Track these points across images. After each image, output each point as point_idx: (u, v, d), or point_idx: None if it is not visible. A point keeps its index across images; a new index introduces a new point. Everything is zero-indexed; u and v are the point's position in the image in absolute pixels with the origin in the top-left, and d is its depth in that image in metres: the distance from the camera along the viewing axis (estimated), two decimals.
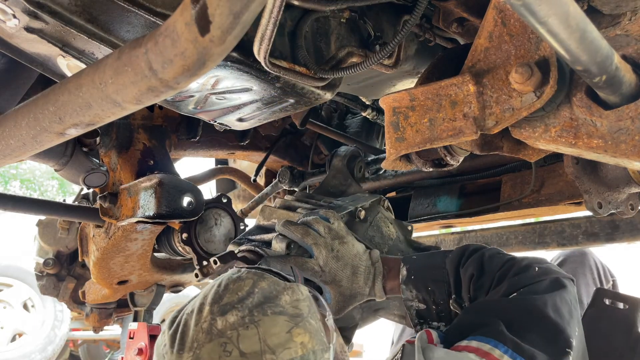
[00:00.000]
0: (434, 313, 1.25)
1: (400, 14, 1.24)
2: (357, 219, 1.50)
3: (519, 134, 0.95)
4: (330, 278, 1.30)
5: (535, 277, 1.09)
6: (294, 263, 1.29)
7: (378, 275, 1.32)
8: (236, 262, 1.34)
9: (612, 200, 1.31)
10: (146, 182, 1.54)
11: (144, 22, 0.93)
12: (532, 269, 1.11)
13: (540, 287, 1.07)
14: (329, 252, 1.31)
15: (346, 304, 1.32)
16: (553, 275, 1.10)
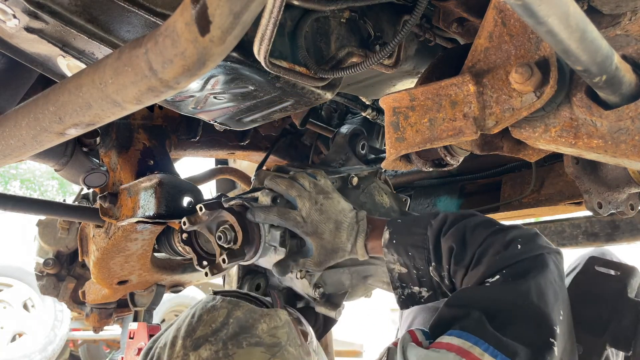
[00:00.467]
0: (415, 277, 1.23)
1: (400, 14, 1.24)
2: (349, 185, 1.53)
3: (519, 134, 0.95)
4: (312, 229, 1.32)
5: (517, 256, 1.04)
6: (277, 212, 1.32)
7: (361, 233, 1.33)
8: (222, 212, 1.36)
9: (612, 200, 1.32)
10: (146, 182, 1.54)
11: (144, 22, 0.93)
12: (514, 246, 1.05)
13: (522, 268, 1.02)
14: (312, 205, 1.34)
15: (328, 257, 1.33)
16: (536, 252, 1.05)
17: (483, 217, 1.19)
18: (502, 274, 1.02)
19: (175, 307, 7.00)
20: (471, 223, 1.15)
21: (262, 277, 1.58)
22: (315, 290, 1.45)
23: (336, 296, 1.49)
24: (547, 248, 1.08)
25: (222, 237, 1.35)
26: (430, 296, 1.24)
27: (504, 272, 1.02)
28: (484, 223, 1.15)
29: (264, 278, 1.58)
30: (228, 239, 1.35)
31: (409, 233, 1.23)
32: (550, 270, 1.03)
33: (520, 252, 1.04)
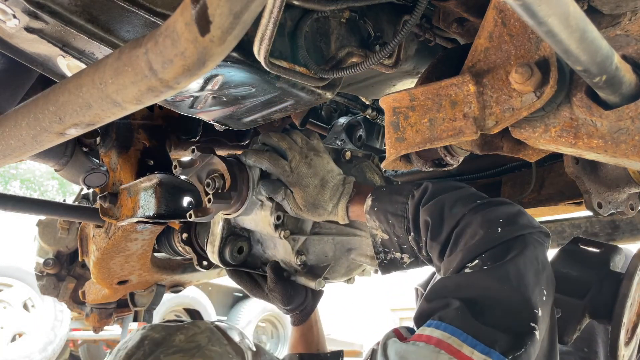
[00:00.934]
0: (396, 244, 1.23)
1: (400, 14, 1.24)
2: (342, 158, 1.55)
3: (519, 134, 0.95)
4: (297, 180, 1.36)
5: (497, 239, 1.01)
6: (268, 157, 1.36)
7: (345, 195, 1.35)
8: (214, 159, 1.38)
9: (612, 200, 1.32)
10: (146, 182, 1.54)
11: (144, 22, 0.93)
12: (494, 228, 1.02)
13: (502, 251, 0.99)
14: (302, 158, 1.38)
15: (308, 210, 1.36)
16: (517, 234, 1.02)
17: (464, 191, 1.16)
18: (481, 259, 1.00)
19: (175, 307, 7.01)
20: (451, 198, 1.13)
21: (246, 241, 1.58)
22: (298, 258, 1.46)
23: (318, 267, 1.50)
24: (530, 227, 1.04)
25: (211, 184, 1.36)
26: (412, 262, 1.24)
27: (483, 256, 1.00)
28: (464, 198, 1.12)
29: (247, 242, 1.58)
30: (216, 187, 1.36)
31: (390, 201, 1.23)
32: (531, 250, 1.00)
33: (500, 235, 1.02)
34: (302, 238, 1.47)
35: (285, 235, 1.43)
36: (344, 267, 1.56)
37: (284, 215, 1.43)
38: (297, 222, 1.47)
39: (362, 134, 1.82)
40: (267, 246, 1.56)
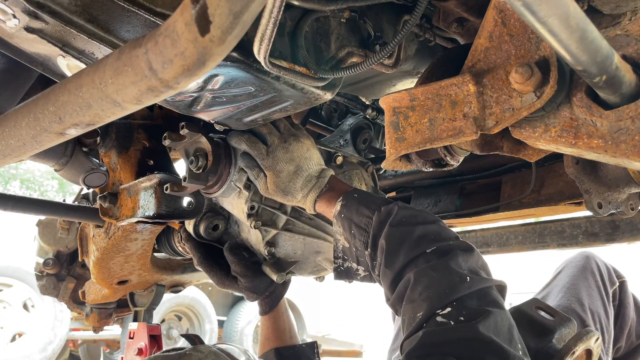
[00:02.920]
0: (354, 255, 1.23)
1: (400, 14, 1.24)
2: (333, 162, 1.56)
3: (519, 134, 0.95)
4: (271, 164, 1.36)
5: (467, 288, 0.98)
6: (247, 139, 1.38)
7: (315, 189, 1.34)
8: (202, 138, 1.41)
9: (612, 200, 1.32)
10: (146, 182, 1.54)
11: (144, 22, 0.93)
12: (464, 277, 1.00)
13: (474, 302, 0.97)
14: (280, 142, 1.38)
15: (277, 194, 1.37)
16: (484, 285, 1.00)
17: (431, 227, 1.13)
18: (452, 307, 0.97)
19: (175, 307, 7.01)
20: (415, 233, 1.11)
21: (223, 219, 1.61)
22: (266, 248, 1.49)
23: (285, 262, 1.52)
24: (493, 282, 1.04)
25: (194, 161, 1.41)
26: (366, 276, 1.24)
27: (455, 304, 0.97)
28: (428, 236, 1.10)
29: (224, 221, 1.61)
30: (199, 165, 1.41)
31: (357, 212, 1.22)
32: (501, 303, 0.99)
33: (469, 284, 0.99)
34: (273, 231, 1.50)
35: (255, 226, 1.45)
36: (311, 266, 1.58)
37: (258, 206, 1.45)
38: (271, 215, 1.50)
39: (368, 138, 1.82)
40: (242, 229, 1.59)
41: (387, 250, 1.11)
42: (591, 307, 1.66)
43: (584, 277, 1.75)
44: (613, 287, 1.78)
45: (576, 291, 1.71)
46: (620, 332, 1.77)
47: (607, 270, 1.80)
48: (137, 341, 2.06)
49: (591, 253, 1.85)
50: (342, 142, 1.78)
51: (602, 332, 1.66)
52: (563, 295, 1.70)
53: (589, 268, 1.77)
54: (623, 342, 1.78)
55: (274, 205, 1.49)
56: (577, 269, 1.79)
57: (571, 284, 1.74)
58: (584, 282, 1.73)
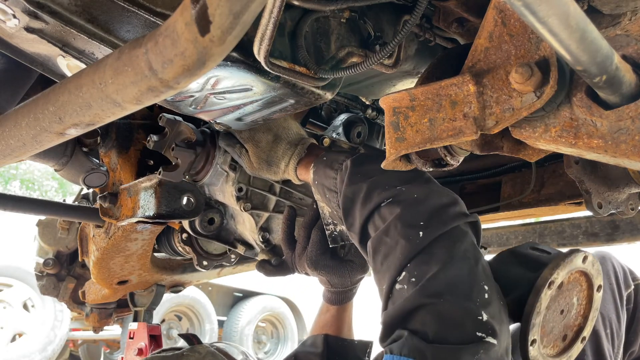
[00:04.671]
0: (337, 217, 1.22)
1: (400, 14, 1.24)
2: (321, 145, 1.55)
3: (519, 134, 0.95)
4: (249, 135, 1.36)
5: (419, 245, 0.95)
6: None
7: (295, 156, 1.33)
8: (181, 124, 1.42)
9: (612, 200, 1.31)
10: (146, 182, 1.54)
11: (144, 22, 0.93)
12: (415, 233, 0.96)
13: (427, 260, 0.94)
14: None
15: (262, 167, 1.36)
16: (440, 232, 0.96)
17: (380, 179, 1.08)
18: (407, 270, 0.95)
19: (175, 307, 7.01)
20: (364, 189, 1.06)
21: (217, 213, 1.62)
22: (260, 234, 1.50)
23: (280, 248, 1.52)
24: (453, 219, 0.99)
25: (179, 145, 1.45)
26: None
27: (409, 266, 0.95)
28: (377, 189, 1.05)
29: (219, 215, 1.62)
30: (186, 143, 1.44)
31: (325, 175, 1.21)
32: (458, 247, 0.96)
33: (422, 239, 0.96)
34: (265, 214, 1.50)
35: (245, 208, 1.46)
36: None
37: (246, 188, 1.46)
38: (261, 198, 1.50)
39: (361, 131, 1.82)
40: (237, 221, 1.60)
41: (343, 213, 1.10)
42: (603, 311, 1.61)
43: None
44: (628, 289, 1.72)
45: None
46: (635, 337, 1.71)
47: (623, 272, 1.74)
48: (137, 341, 2.06)
49: (608, 253, 1.78)
50: (334, 137, 1.78)
51: (612, 337, 1.63)
52: None
53: (605, 269, 1.70)
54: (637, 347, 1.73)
55: (263, 188, 1.50)
56: None
57: None
58: None
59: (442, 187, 1.10)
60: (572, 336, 1.08)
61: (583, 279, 1.07)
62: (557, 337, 1.05)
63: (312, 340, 1.55)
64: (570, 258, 1.02)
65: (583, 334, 1.08)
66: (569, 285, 1.05)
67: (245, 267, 2.26)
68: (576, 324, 1.08)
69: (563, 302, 1.04)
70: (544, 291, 0.97)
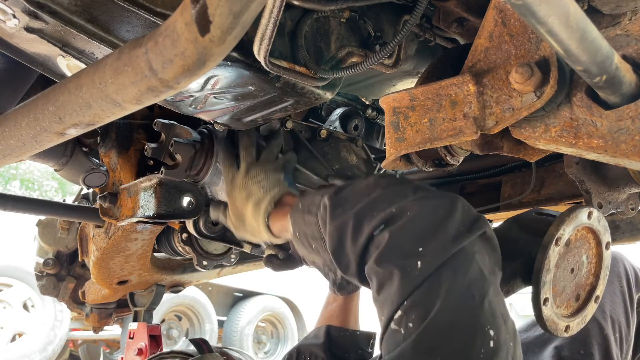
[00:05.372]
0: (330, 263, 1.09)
1: (400, 14, 1.24)
2: (318, 136, 1.56)
3: (519, 134, 0.95)
4: (229, 190, 1.35)
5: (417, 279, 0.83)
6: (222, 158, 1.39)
7: (262, 213, 1.24)
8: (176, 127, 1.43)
9: (612, 200, 1.31)
10: (146, 182, 1.54)
11: (144, 22, 0.93)
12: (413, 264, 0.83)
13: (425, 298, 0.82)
14: (244, 169, 1.35)
15: (238, 225, 1.32)
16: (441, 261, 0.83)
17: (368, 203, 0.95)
18: (403, 309, 0.83)
19: (175, 307, 7.01)
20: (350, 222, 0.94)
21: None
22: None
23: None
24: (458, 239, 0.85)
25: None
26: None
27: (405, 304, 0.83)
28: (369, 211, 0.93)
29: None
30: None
31: (305, 223, 1.08)
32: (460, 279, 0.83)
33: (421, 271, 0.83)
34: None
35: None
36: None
37: None
38: None
39: (358, 124, 1.81)
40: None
41: (333, 257, 0.99)
42: (612, 314, 1.58)
43: (610, 282, 1.62)
44: (639, 292, 1.70)
45: None
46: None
47: (634, 274, 1.69)
48: (137, 341, 2.06)
49: (620, 254, 1.73)
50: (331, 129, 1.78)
51: (621, 341, 1.60)
52: None
53: (616, 271, 1.66)
54: None
55: None
56: None
57: None
58: (609, 286, 1.60)
59: (437, 194, 0.97)
60: (585, 296, 1.05)
61: (590, 236, 1.04)
62: (570, 296, 1.03)
63: (316, 332, 1.55)
64: (575, 213, 0.98)
65: (596, 293, 1.05)
66: (577, 242, 1.02)
67: (245, 267, 2.26)
68: (588, 283, 1.06)
69: (572, 261, 1.01)
70: (552, 248, 0.94)
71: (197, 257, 1.79)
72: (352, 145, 1.63)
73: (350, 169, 1.51)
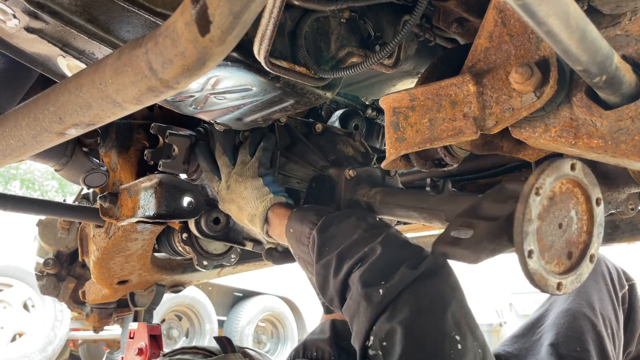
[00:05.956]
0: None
1: (400, 14, 1.24)
2: (313, 131, 1.57)
3: (519, 134, 0.95)
4: (220, 202, 1.45)
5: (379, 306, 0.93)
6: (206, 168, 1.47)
7: (258, 225, 1.35)
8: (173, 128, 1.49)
9: (612, 200, 1.32)
10: (146, 182, 1.54)
11: (144, 22, 0.93)
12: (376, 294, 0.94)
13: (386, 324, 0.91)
14: (224, 183, 1.43)
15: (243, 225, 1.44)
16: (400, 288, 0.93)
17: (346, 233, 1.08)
18: (374, 335, 0.92)
19: (175, 307, 7.01)
20: (332, 262, 1.05)
21: (222, 212, 1.62)
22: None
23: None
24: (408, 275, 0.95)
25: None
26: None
27: (374, 329, 0.92)
28: (346, 256, 1.04)
29: (224, 214, 1.62)
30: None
31: (301, 250, 1.19)
32: (425, 297, 0.93)
33: (384, 296, 0.93)
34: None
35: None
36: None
37: None
38: None
39: (358, 123, 1.81)
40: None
41: (321, 291, 1.09)
42: (602, 311, 1.62)
43: (595, 281, 1.70)
44: (623, 290, 1.73)
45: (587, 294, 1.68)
46: (631, 337, 1.72)
47: (617, 272, 1.75)
48: (137, 341, 2.06)
49: (601, 255, 1.78)
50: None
51: (613, 337, 1.63)
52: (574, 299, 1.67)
53: (600, 271, 1.72)
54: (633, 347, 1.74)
55: None
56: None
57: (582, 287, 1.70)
58: (595, 285, 1.68)
59: (407, 241, 1.08)
60: (579, 254, 1.00)
61: (578, 190, 0.99)
62: (561, 253, 0.98)
63: (321, 327, 1.56)
64: (557, 164, 0.94)
65: (590, 252, 0.99)
66: (563, 196, 0.97)
67: (245, 267, 2.26)
68: (581, 241, 1.00)
69: (559, 215, 0.97)
70: (532, 197, 0.90)
71: (197, 257, 1.79)
72: (349, 140, 1.63)
73: (346, 160, 1.51)
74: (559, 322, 1.59)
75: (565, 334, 1.55)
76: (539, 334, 1.64)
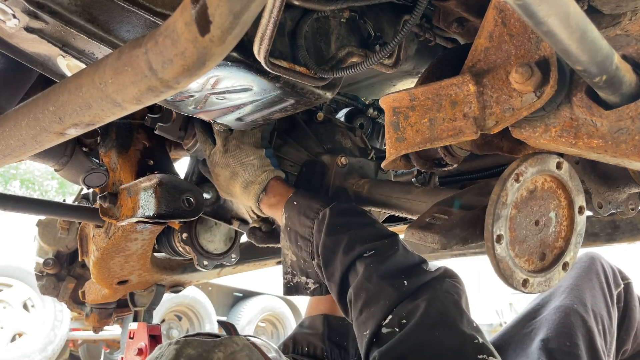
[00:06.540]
0: (303, 268, 1.23)
1: (400, 14, 1.24)
2: (315, 118, 1.59)
3: (519, 134, 0.95)
4: (211, 166, 1.43)
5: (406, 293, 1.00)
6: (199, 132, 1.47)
7: (253, 196, 1.35)
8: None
9: (612, 200, 1.31)
10: (146, 182, 1.54)
11: (144, 22, 0.93)
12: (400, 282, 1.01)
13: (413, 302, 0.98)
14: (221, 146, 1.41)
15: (226, 195, 1.43)
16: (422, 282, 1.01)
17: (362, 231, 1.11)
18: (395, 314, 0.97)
19: (175, 307, 7.01)
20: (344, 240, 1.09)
21: (212, 187, 1.65)
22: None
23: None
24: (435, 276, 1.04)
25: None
26: (316, 289, 1.23)
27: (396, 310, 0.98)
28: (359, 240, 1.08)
29: (214, 190, 1.64)
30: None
31: (299, 223, 1.21)
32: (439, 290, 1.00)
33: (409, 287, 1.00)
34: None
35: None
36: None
37: None
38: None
39: (363, 122, 1.82)
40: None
41: (323, 262, 1.11)
42: (594, 308, 1.64)
43: (588, 279, 1.72)
44: (618, 289, 1.75)
45: (580, 292, 1.69)
46: (627, 335, 1.74)
47: (612, 271, 1.78)
48: (137, 341, 2.06)
49: (596, 254, 1.81)
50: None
51: (604, 333, 1.65)
52: (566, 296, 1.69)
53: (594, 269, 1.75)
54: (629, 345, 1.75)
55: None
56: (581, 269, 1.77)
57: (575, 284, 1.72)
58: (588, 283, 1.71)
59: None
60: (552, 258, 0.98)
61: (561, 193, 0.98)
62: (533, 251, 0.96)
63: (310, 321, 1.56)
64: (542, 156, 0.93)
65: (565, 259, 0.98)
66: (544, 194, 0.95)
67: (245, 267, 2.26)
68: (557, 246, 0.98)
69: (538, 212, 0.95)
70: (510, 181, 0.89)
71: (197, 257, 1.79)
72: (349, 133, 1.63)
73: (342, 151, 1.52)
74: (551, 318, 1.62)
75: (556, 329, 1.57)
76: (530, 327, 1.66)
